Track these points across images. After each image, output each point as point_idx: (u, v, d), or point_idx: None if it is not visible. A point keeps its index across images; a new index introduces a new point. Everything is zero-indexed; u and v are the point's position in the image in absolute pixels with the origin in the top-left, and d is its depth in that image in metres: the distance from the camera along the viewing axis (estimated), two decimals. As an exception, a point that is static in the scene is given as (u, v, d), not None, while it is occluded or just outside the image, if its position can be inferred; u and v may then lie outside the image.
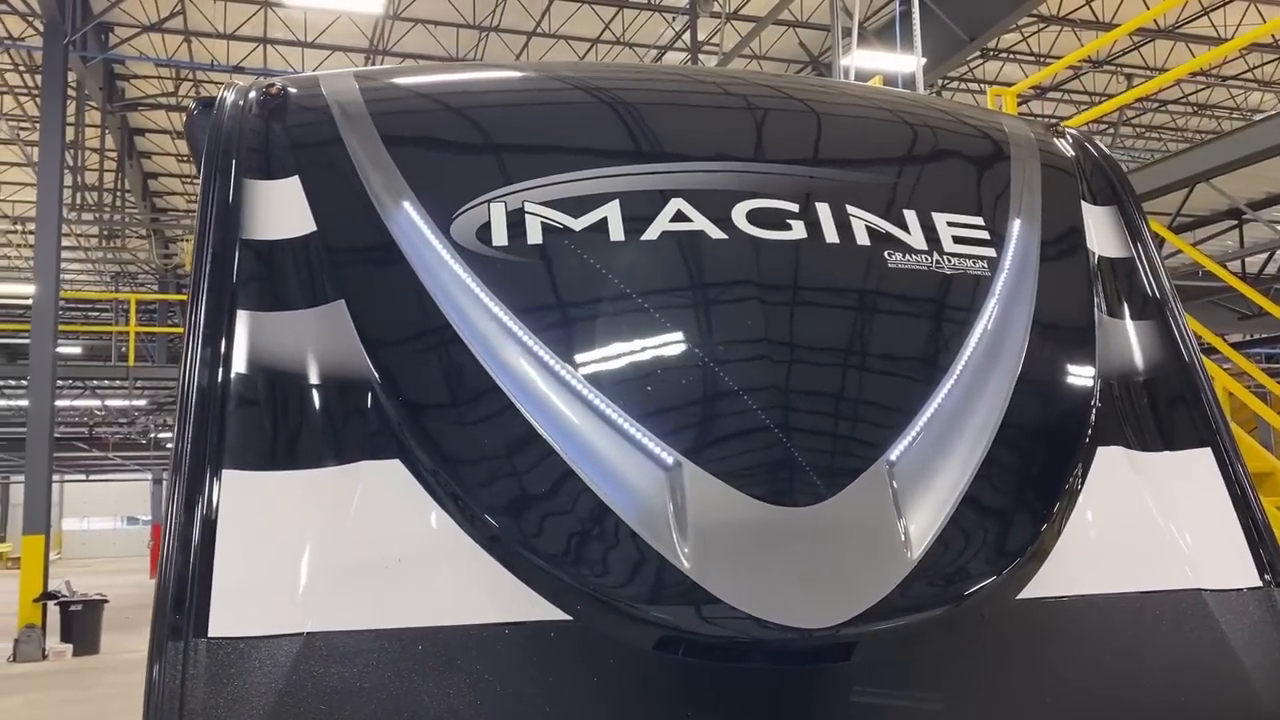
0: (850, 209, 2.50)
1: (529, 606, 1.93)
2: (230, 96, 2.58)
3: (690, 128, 2.73)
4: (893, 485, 2.09)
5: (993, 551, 2.14)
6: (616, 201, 2.40)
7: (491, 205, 2.35)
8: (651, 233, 2.36)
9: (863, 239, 2.46)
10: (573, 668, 1.93)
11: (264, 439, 2.08)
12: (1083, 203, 2.78)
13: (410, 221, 2.31)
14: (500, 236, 2.31)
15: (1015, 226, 2.62)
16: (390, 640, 1.89)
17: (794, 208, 2.47)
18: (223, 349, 2.13)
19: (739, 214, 2.42)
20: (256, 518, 1.99)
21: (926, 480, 2.13)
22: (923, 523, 2.08)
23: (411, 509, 2.01)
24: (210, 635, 1.86)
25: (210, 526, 1.95)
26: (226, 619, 1.87)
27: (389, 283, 2.27)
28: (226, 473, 2.01)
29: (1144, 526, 2.32)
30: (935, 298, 2.46)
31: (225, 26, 19.15)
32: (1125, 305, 2.65)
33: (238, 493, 2.00)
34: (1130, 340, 2.58)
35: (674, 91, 3.01)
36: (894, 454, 2.14)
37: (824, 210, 2.48)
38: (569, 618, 1.93)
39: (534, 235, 2.32)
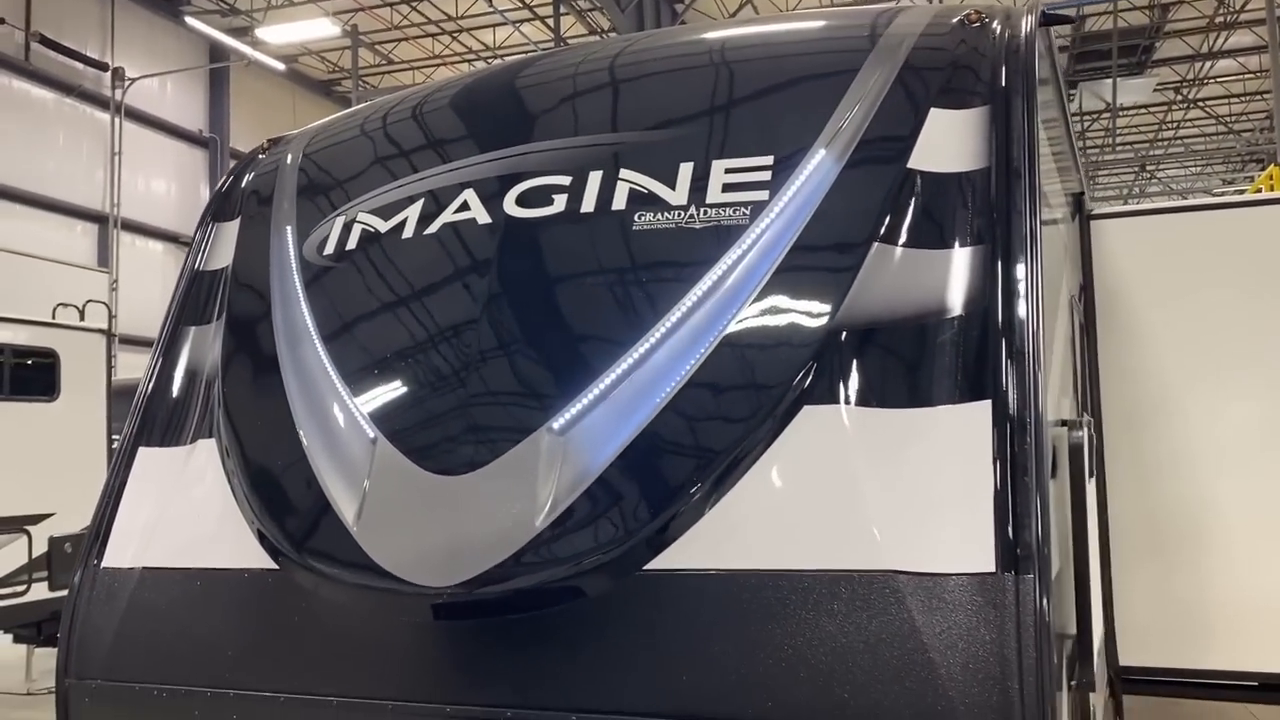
0: (624, 173, 2.46)
1: (256, 556, 2.41)
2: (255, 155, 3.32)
3: (509, 117, 2.83)
4: (548, 453, 2.15)
5: (622, 520, 2.07)
6: (422, 200, 2.67)
7: (337, 219, 2.79)
8: (434, 226, 2.60)
9: (619, 205, 2.41)
10: (277, 609, 2.37)
11: (162, 422, 2.81)
12: (932, 110, 2.30)
13: (283, 242, 2.85)
14: (330, 246, 2.74)
15: (813, 159, 2.31)
16: (183, 576, 2.52)
17: (565, 181, 2.50)
18: (160, 353, 2.91)
19: (511, 197, 2.54)
20: (146, 480, 2.74)
21: (585, 447, 2.14)
22: (564, 490, 2.11)
23: (212, 476, 2.59)
24: (102, 565, 2.66)
25: (122, 486, 2.75)
26: (113, 554, 2.66)
27: (251, 295, 2.84)
28: (141, 449, 2.79)
29: (838, 495, 1.99)
30: (665, 259, 2.32)
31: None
32: (923, 233, 2.18)
33: (142, 463, 2.77)
34: (904, 277, 2.13)
35: (526, 86, 2.98)
36: (558, 422, 2.17)
37: (594, 180, 2.47)
38: (277, 567, 2.37)
39: (352, 242, 2.72)
